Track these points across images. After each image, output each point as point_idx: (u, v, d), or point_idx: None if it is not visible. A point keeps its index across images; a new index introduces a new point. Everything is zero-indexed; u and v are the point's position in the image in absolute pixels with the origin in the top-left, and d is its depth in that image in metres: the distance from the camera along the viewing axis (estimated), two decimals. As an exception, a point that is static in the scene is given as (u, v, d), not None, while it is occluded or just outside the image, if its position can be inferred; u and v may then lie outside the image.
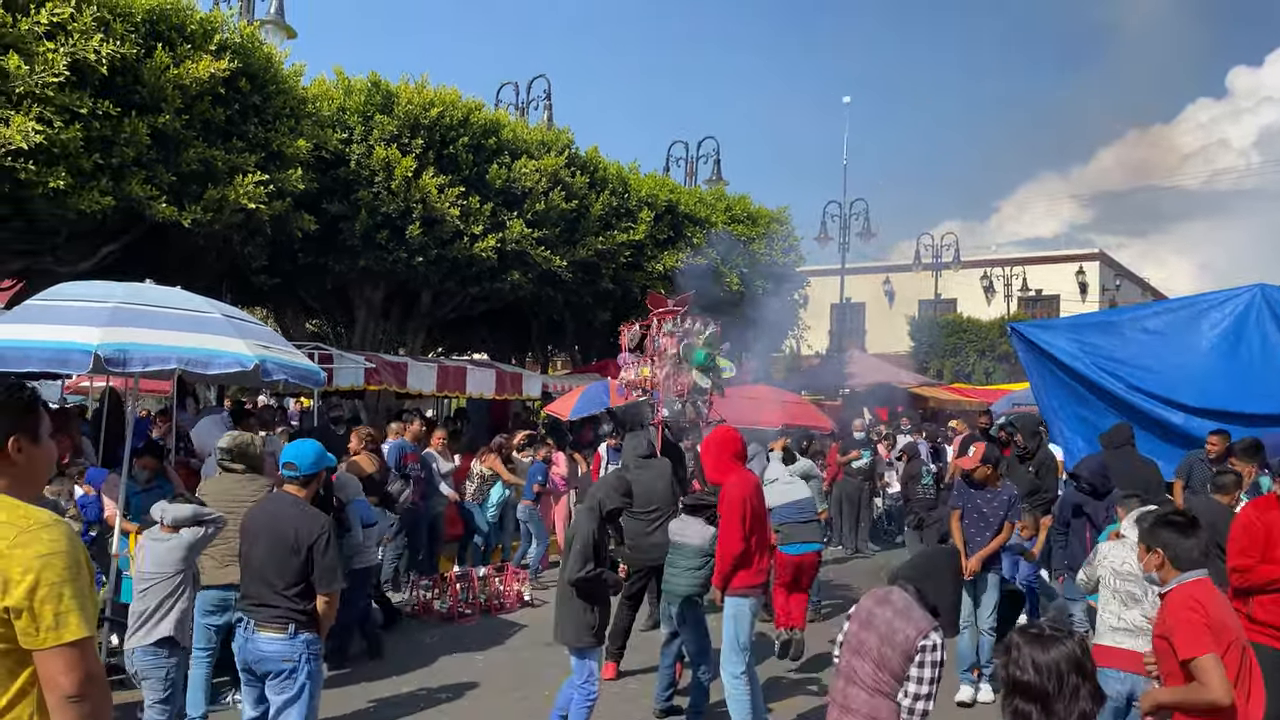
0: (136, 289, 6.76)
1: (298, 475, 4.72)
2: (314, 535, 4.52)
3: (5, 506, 2.18)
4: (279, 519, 4.62)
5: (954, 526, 7.31)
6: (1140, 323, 10.12)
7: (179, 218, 9.88)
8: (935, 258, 32.30)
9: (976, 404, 22.37)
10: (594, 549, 5.45)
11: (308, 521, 4.58)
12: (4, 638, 2.11)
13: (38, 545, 2.12)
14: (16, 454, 2.28)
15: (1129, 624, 4.88)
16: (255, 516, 4.80)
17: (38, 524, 2.16)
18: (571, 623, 5.47)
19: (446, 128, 12.91)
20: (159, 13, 9.81)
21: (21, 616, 2.09)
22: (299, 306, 15.85)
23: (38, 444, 2.34)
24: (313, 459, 4.76)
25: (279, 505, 4.74)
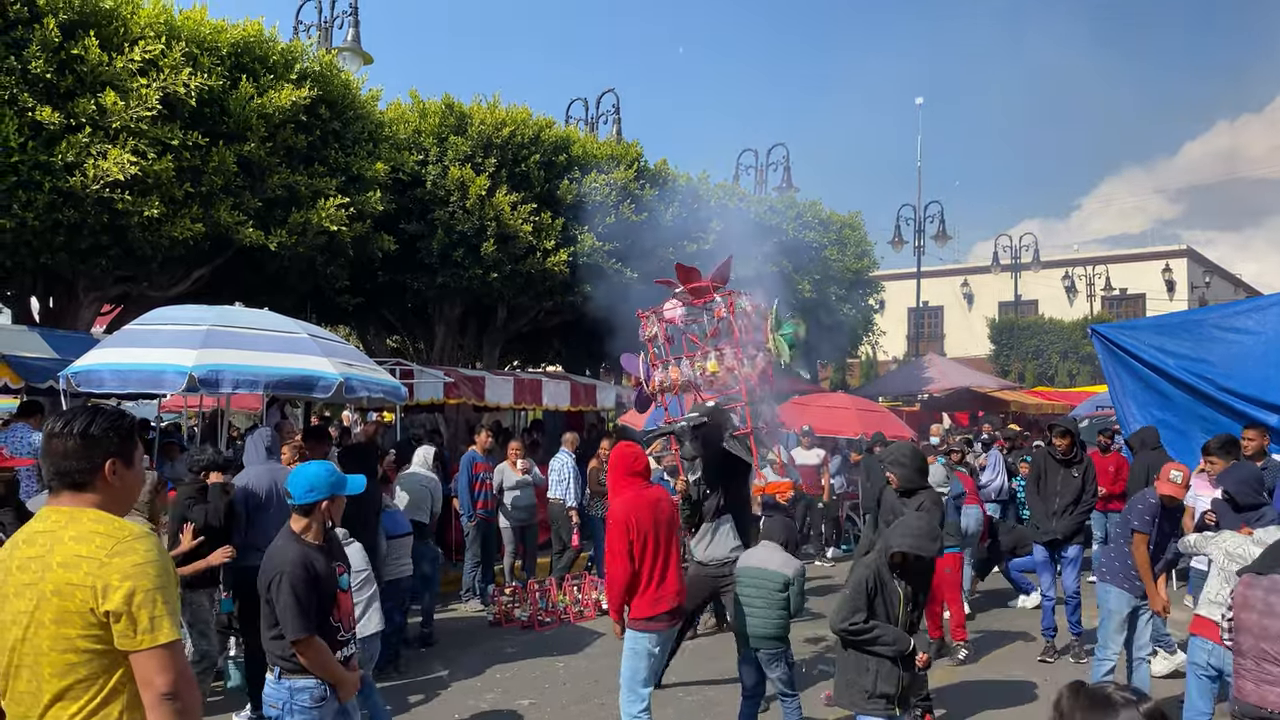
0: (227, 312, 7.08)
1: (294, 504, 4.15)
2: (268, 577, 4.00)
3: (102, 520, 2.38)
4: (268, 554, 4.16)
5: (1140, 555, 6.33)
6: (1229, 321, 9.79)
7: (265, 241, 10.26)
8: (1014, 258, 31.69)
9: (1060, 407, 21.92)
10: (868, 598, 4.78)
11: (270, 560, 4.07)
12: (101, 639, 2.29)
13: (133, 555, 2.31)
14: (112, 476, 2.47)
15: (1225, 599, 5.07)
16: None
17: (132, 535, 2.36)
18: (842, 678, 4.89)
19: (518, 146, 13.17)
20: (243, 45, 10.24)
21: (120, 620, 2.28)
22: (380, 324, 16.28)
23: (131, 468, 2.55)
24: (305, 486, 4.12)
25: (276, 539, 4.22)
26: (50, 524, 2.39)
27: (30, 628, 2.30)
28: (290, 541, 4.08)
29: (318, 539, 4.12)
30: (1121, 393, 9.99)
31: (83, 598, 2.27)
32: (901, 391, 23.88)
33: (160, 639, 2.29)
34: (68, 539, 2.33)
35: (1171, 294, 35.16)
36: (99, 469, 2.45)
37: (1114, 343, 10.11)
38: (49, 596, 2.29)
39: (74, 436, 2.43)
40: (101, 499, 2.45)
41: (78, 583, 2.27)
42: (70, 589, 2.27)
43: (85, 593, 2.27)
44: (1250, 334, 9.43)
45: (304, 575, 3.93)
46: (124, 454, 2.51)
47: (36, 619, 2.29)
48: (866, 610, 4.77)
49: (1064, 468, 8.43)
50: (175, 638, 2.32)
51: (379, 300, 14.13)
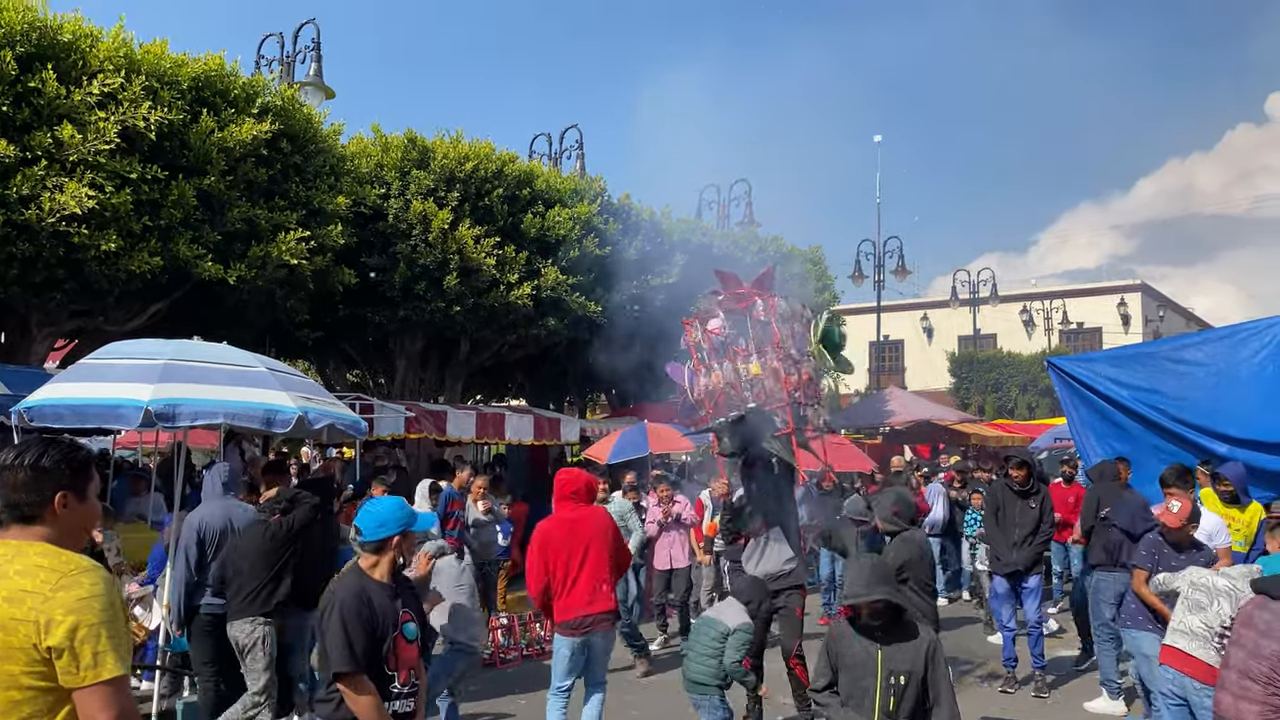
0: (184, 345, 6.98)
1: (363, 541, 3.90)
2: (321, 610, 3.79)
3: (48, 554, 2.33)
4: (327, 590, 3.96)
5: (1142, 590, 6.23)
6: (1180, 353, 9.99)
7: (224, 275, 10.18)
8: (973, 293, 32.15)
9: (1020, 439, 22.18)
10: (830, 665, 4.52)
11: (326, 594, 3.86)
12: (45, 676, 2.23)
13: (78, 590, 2.26)
14: (62, 509, 2.43)
15: (1188, 627, 5.26)
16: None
17: (78, 569, 2.31)
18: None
19: (482, 180, 13.20)
20: (204, 79, 10.21)
21: (63, 656, 2.22)
22: (340, 358, 16.16)
23: (84, 501, 2.50)
24: (376, 522, 3.88)
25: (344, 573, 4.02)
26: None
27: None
28: (354, 574, 3.85)
29: (385, 578, 3.86)
30: (1080, 425, 10.15)
31: (26, 633, 2.21)
32: (863, 424, 24.02)
33: (103, 675, 2.23)
34: (13, 573, 2.28)
35: (1127, 327, 35.81)
36: (49, 501, 2.41)
37: (1070, 375, 10.28)
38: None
39: (25, 468, 2.39)
40: (51, 532, 2.40)
41: (21, 617, 2.22)
42: (14, 624, 2.22)
43: (28, 628, 2.21)
44: (1200, 366, 9.64)
45: (356, 607, 3.68)
46: (76, 487, 2.47)
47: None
48: (830, 674, 4.39)
49: (1021, 499, 8.53)
50: (119, 674, 2.26)
51: (339, 334, 14.04)
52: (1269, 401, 8.91)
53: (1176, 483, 7.00)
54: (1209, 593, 5.24)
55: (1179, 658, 5.26)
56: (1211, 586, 5.26)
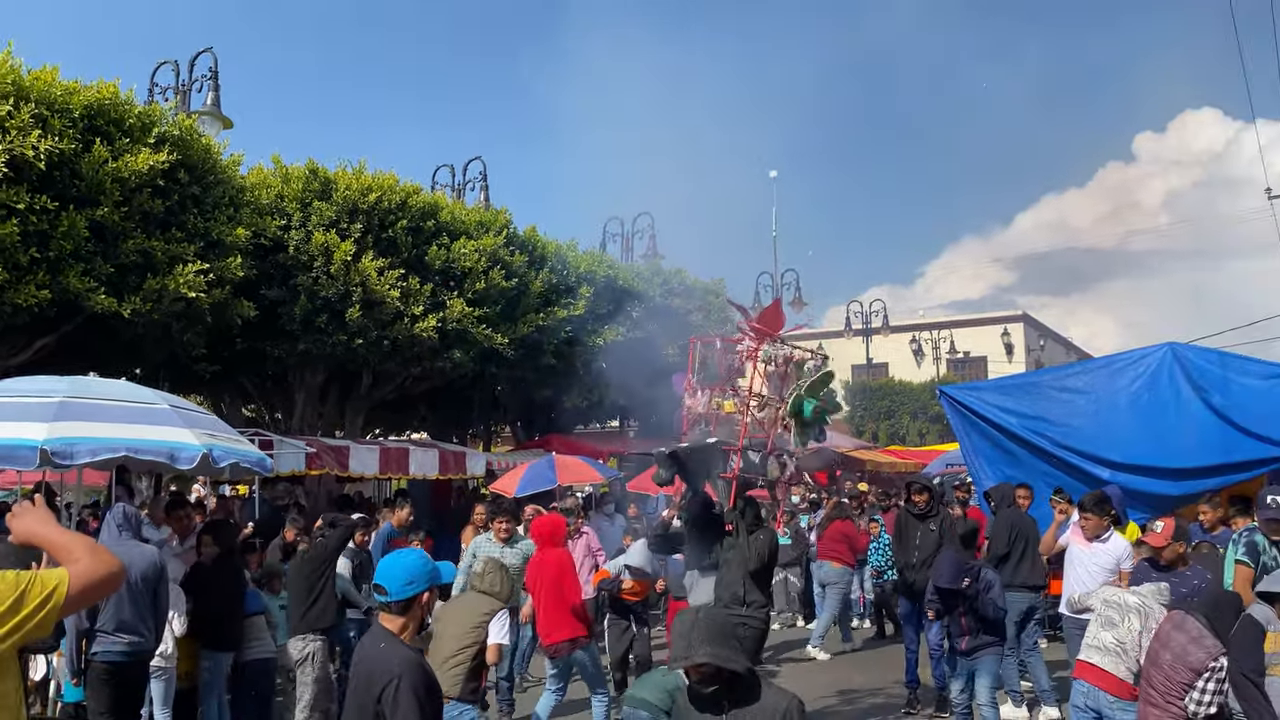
0: (80, 382, 6.76)
1: (389, 600, 3.52)
2: (378, 685, 3.37)
3: None
4: (363, 660, 3.57)
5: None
6: (1062, 382, 10.54)
7: (118, 309, 9.87)
8: (865, 323, 33.09)
9: (913, 465, 22.87)
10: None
11: (376, 664, 3.44)
12: None
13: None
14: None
15: (1101, 643, 5.51)
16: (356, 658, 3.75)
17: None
18: None
19: (385, 211, 13.10)
20: (97, 107, 9.93)
21: None
22: (236, 393, 15.75)
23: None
24: (405, 578, 3.51)
25: (368, 643, 3.63)
26: None
27: None
28: (394, 643, 3.46)
29: (412, 640, 3.53)
30: (972, 451, 10.56)
31: None
32: (764, 452, 24.45)
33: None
34: None
35: (1010, 356, 37.31)
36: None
37: (960, 403, 10.72)
38: None
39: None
40: None
41: None
42: None
43: None
44: (1082, 394, 10.18)
45: (424, 679, 3.41)
46: None
47: None
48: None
49: (921, 522, 8.83)
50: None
51: (237, 368, 13.69)
52: (1145, 427, 9.47)
53: (1093, 509, 7.30)
54: (1120, 610, 5.49)
55: (1093, 672, 5.47)
56: (1122, 604, 5.52)
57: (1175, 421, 9.27)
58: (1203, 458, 8.98)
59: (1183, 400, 9.35)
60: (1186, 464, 9.04)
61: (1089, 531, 7.29)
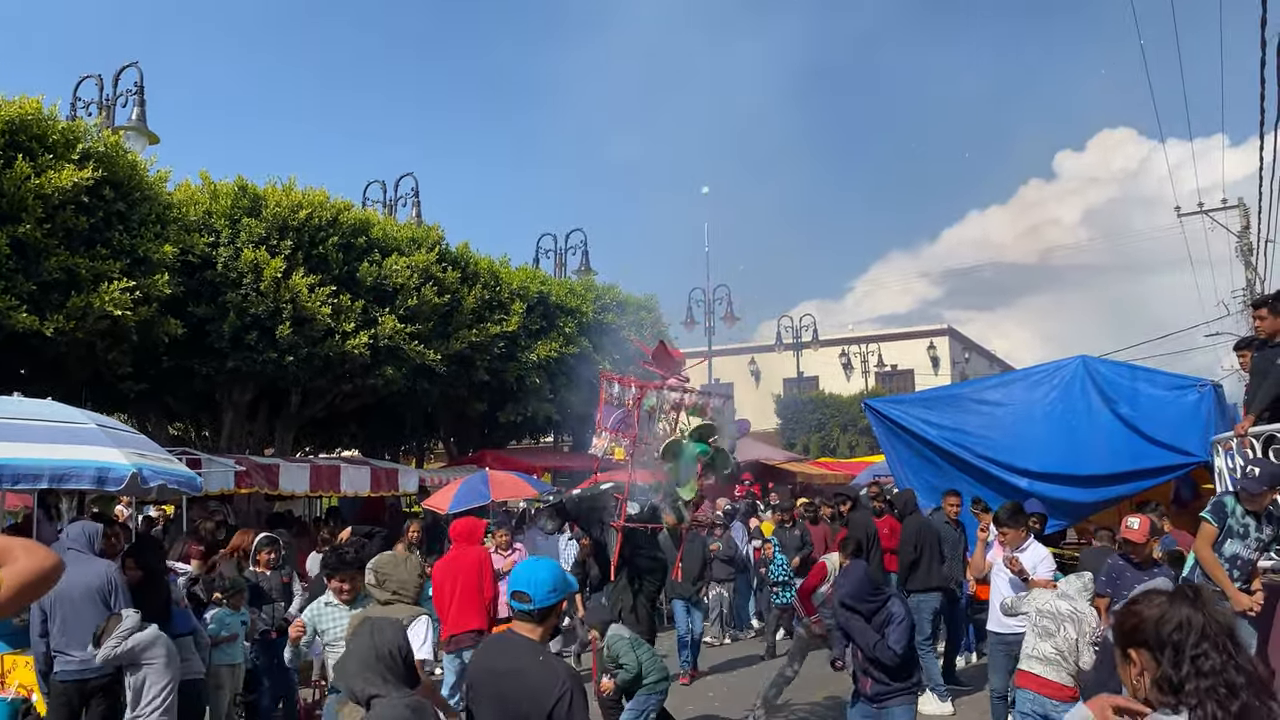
0: (6, 403, 6.67)
1: (532, 609, 3.45)
2: (549, 698, 3.28)
3: None
4: (513, 673, 3.44)
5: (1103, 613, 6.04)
6: (982, 395, 10.93)
7: (40, 327, 9.70)
8: (796, 337, 33.60)
9: (842, 476, 23.32)
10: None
11: (538, 679, 3.34)
12: None
13: None
14: None
15: (1042, 654, 5.73)
16: (478, 665, 3.65)
17: None
18: None
19: (316, 228, 13.04)
20: (19, 123, 9.78)
21: None
22: (162, 411, 15.46)
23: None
24: (548, 587, 3.46)
25: (510, 652, 3.50)
26: None
27: None
28: (550, 655, 3.45)
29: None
30: (897, 461, 10.90)
31: None
32: (697, 466, 24.68)
33: None
34: None
35: (936, 369, 38.18)
36: None
37: (886, 416, 11.06)
38: None
39: None
40: None
41: None
42: None
43: None
44: (1000, 406, 10.58)
45: (582, 688, 3.39)
46: None
47: None
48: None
49: None
50: None
51: (163, 386, 13.46)
52: (1059, 437, 9.88)
53: (1008, 521, 7.18)
54: (1055, 618, 5.71)
55: (1035, 681, 5.68)
56: (1056, 612, 5.73)
57: (1087, 432, 9.69)
58: (1113, 465, 9.42)
59: (1093, 411, 9.78)
60: (1098, 471, 9.46)
61: (1009, 543, 7.21)
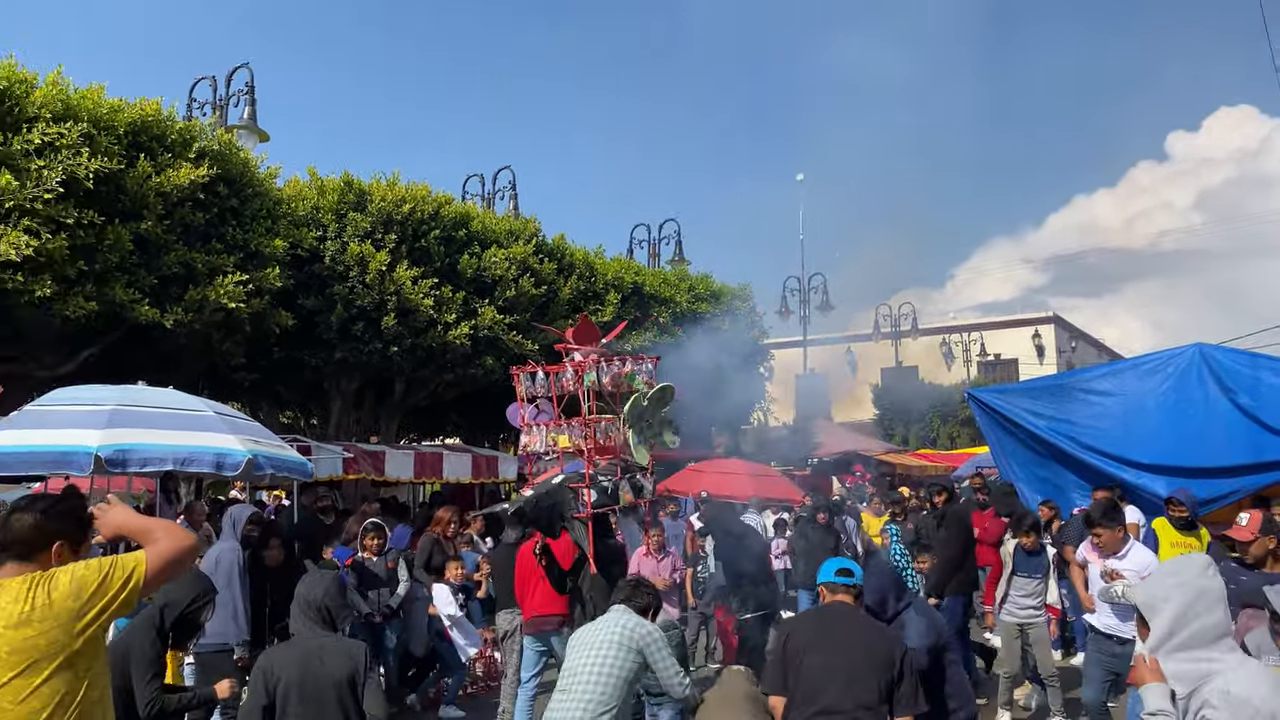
0: (130, 391, 7.02)
1: (853, 584, 4.34)
2: (898, 649, 4.16)
3: (26, 579, 2.49)
4: (863, 629, 4.25)
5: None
6: (1090, 385, 10.59)
7: (161, 319, 10.16)
8: (894, 326, 33.04)
9: (943, 468, 22.86)
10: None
11: (888, 633, 4.31)
12: (73, 655, 2.46)
13: (62, 573, 2.52)
14: (58, 558, 2.60)
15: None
16: (810, 628, 4.35)
17: (51, 571, 2.55)
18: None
19: (418, 222, 13.36)
20: (140, 124, 10.23)
21: (96, 595, 2.52)
22: (274, 400, 16.05)
23: (76, 554, 2.67)
24: (858, 569, 4.53)
25: (848, 617, 4.30)
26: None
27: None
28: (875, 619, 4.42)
29: None
30: (1002, 453, 10.64)
31: (51, 633, 2.42)
32: (792, 456, 24.51)
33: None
34: (4, 602, 2.44)
35: (1041, 358, 37.09)
36: (46, 549, 2.59)
37: (989, 406, 10.80)
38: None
39: (35, 513, 2.58)
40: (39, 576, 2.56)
41: (37, 631, 2.40)
42: (30, 640, 2.39)
43: (48, 625, 2.42)
44: (1110, 396, 10.23)
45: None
46: (74, 541, 2.66)
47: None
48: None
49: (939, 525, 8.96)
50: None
51: (275, 376, 13.99)
52: (1173, 428, 9.52)
53: (1103, 520, 6.39)
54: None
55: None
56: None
57: (1203, 422, 9.31)
58: (1231, 457, 9.02)
59: (1211, 401, 9.39)
60: (1214, 463, 9.07)
61: (1105, 547, 6.37)
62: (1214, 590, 2.93)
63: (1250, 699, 2.71)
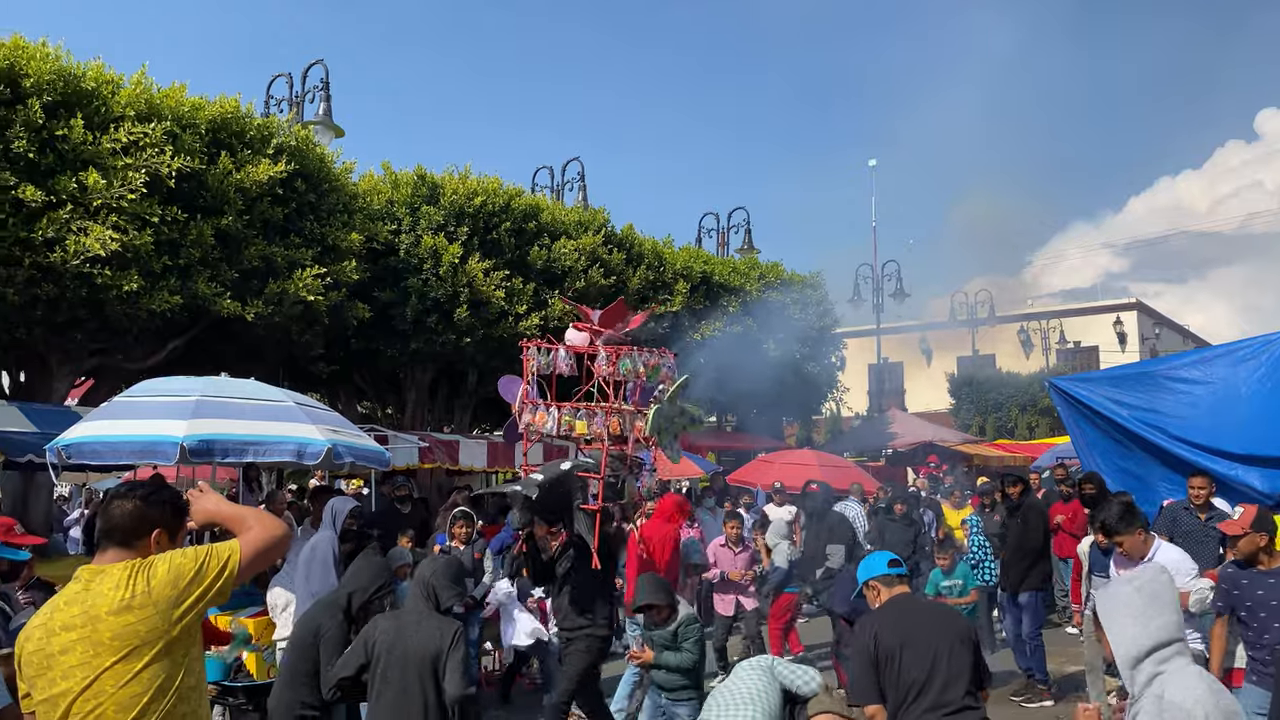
0: (214, 382, 7.19)
1: (905, 572, 4.50)
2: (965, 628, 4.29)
3: (126, 566, 2.55)
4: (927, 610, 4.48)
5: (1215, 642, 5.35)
6: (1177, 372, 10.20)
7: (242, 312, 10.40)
8: (970, 314, 32.41)
9: (1022, 459, 22.36)
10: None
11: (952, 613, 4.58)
12: (172, 640, 2.53)
13: (161, 560, 2.58)
14: (155, 545, 2.64)
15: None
16: (890, 620, 4.29)
17: (151, 558, 2.60)
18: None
19: (489, 214, 13.47)
20: (220, 122, 10.48)
21: (195, 581, 2.59)
22: (351, 391, 16.35)
23: (173, 542, 2.71)
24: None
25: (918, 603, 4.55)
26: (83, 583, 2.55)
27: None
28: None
29: None
30: (1085, 444, 10.32)
31: (150, 620, 2.48)
32: (866, 446, 24.22)
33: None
34: (107, 589, 2.50)
35: (1124, 346, 36.04)
36: (145, 536, 2.63)
37: (1070, 395, 10.47)
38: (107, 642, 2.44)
39: (134, 500, 2.62)
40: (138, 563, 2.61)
41: (138, 616, 2.46)
42: (132, 626, 2.45)
43: (148, 613, 2.47)
44: (1199, 384, 9.84)
45: None
46: (171, 529, 2.70)
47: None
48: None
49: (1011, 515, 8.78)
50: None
51: (351, 367, 14.26)
52: (1269, 418, 9.12)
53: (1119, 525, 5.79)
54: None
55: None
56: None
57: (1301, 410, 8.91)
58: (1331, 449, 8.63)
59: (1308, 388, 8.99)
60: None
61: (1130, 553, 5.87)
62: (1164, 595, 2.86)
63: (1183, 704, 2.68)
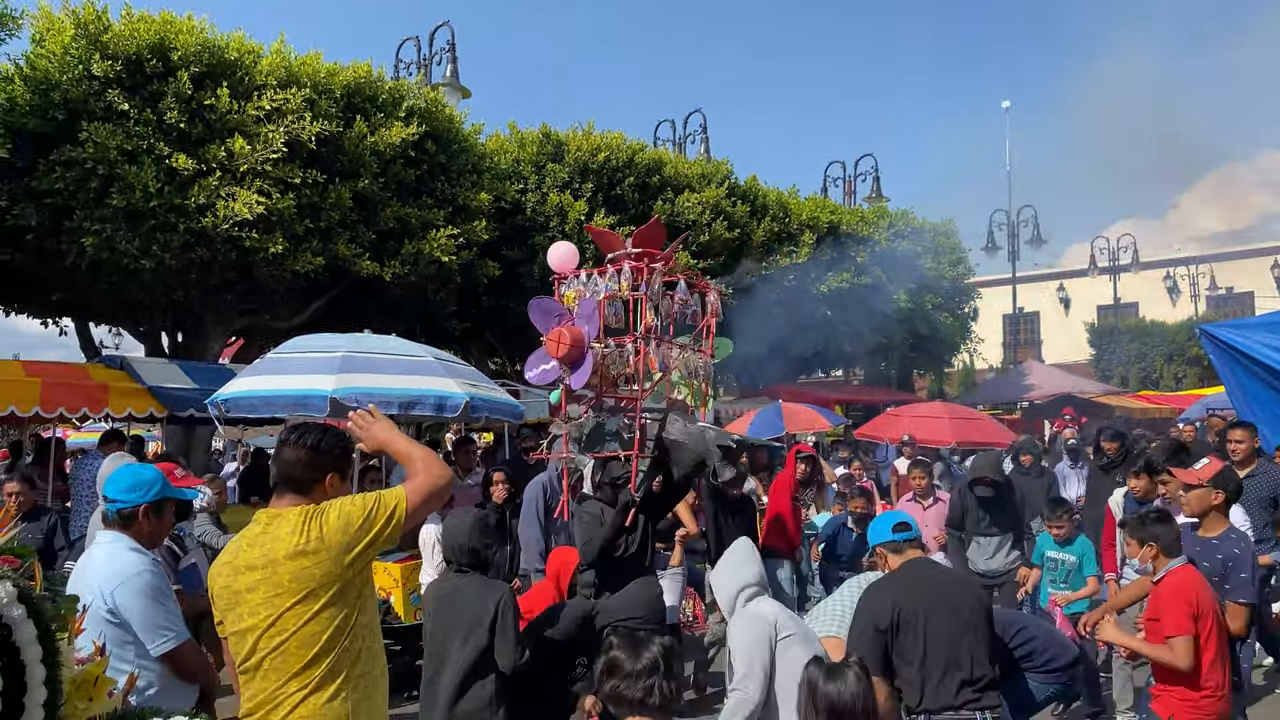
0: (359, 339, 7.48)
1: (916, 535, 4.17)
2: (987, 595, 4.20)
3: (302, 512, 2.64)
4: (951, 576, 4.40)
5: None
6: (1344, 316, 9.58)
7: (380, 272, 10.77)
8: (1112, 260, 30.94)
9: (1168, 410, 21.35)
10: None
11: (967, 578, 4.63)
12: (347, 583, 2.62)
13: (331, 507, 2.65)
14: (330, 488, 2.76)
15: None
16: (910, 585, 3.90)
17: (323, 505, 2.68)
18: None
19: (613, 170, 13.53)
20: (354, 86, 10.80)
21: (362, 530, 2.63)
22: (483, 347, 16.77)
23: (344, 482, 2.83)
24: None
25: (937, 567, 4.33)
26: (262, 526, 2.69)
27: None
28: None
29: None
30: (1240, 393, 9.80)
31: (324, 565, 2.56)
32: (1000, 399, 23.51)
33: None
34: (284, 534, 2.60)
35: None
36: (320, 480, 2.75)
37: (1224, 342, 9.92)
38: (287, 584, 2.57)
39: (306, 448, 2.73)
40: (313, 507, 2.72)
41: (311, 561, 2.55)
42: (307, 571, 2.55)
43: (321, 557, 2.56)
44: (1368, 328, 9.20)
45: None
46: (342, 470, 2.82)
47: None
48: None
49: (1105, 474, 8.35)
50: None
51: (483, 324, 14.61)
52: None
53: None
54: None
55: None
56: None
57: None
58: None
59: None
60: None
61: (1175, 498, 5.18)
62: (749, 555, 4.01)
63: (762, 613, 3.71)
